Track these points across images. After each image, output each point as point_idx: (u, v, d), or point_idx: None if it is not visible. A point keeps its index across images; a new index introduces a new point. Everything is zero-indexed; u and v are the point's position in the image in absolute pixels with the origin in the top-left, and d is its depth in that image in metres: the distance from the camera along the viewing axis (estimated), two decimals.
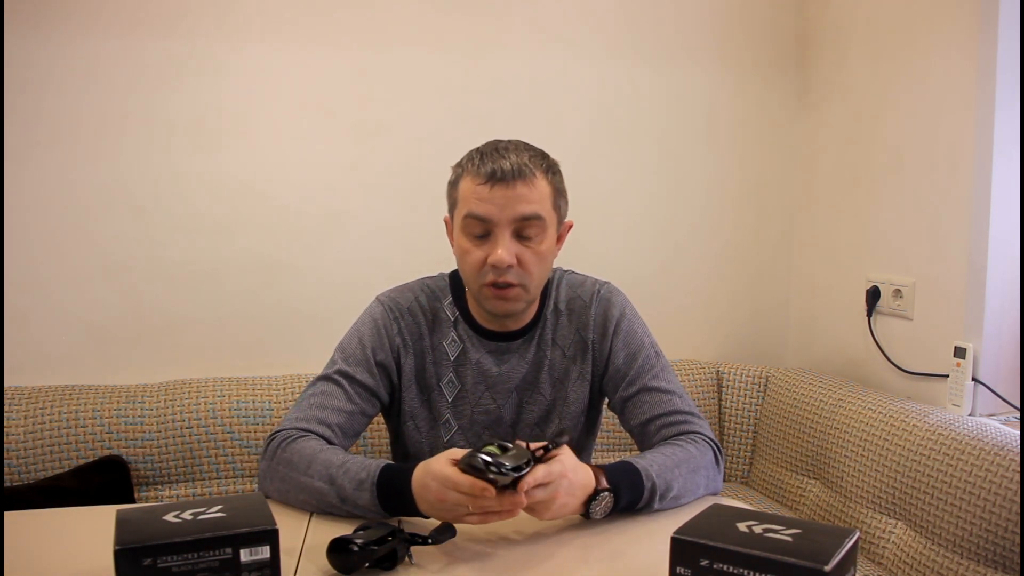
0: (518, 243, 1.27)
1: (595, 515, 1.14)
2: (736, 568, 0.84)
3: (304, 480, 1.18)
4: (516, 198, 1.24)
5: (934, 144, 1.93)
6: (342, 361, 1.34)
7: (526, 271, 1.28)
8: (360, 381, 1.33)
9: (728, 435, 2.23)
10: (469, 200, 1.27)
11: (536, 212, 1.26)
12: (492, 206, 1.24)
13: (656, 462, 1.21)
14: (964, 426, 1.65)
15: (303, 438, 1.24)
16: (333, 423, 1.29)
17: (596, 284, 1.43)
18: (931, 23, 1.93)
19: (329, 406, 1.29)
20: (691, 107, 2.33)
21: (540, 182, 1.27)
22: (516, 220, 1.26)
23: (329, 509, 1.17)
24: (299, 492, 1.19)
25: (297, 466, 1.19)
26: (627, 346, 1.39)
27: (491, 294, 1.29)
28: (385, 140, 2.13)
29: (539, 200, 1.27)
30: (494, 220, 1.25)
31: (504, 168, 1.24)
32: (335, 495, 1.15)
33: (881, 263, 2.10)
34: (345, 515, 1.16)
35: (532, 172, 1.26)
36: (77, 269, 1.98)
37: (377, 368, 1.35)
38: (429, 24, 2.13)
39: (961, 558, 1.55)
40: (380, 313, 1.38)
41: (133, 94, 1.97)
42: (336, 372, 1.33)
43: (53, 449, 1.79)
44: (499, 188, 1.24)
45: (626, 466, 1.19)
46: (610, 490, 1.14)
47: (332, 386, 1.32)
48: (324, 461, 1.18)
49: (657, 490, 1.18)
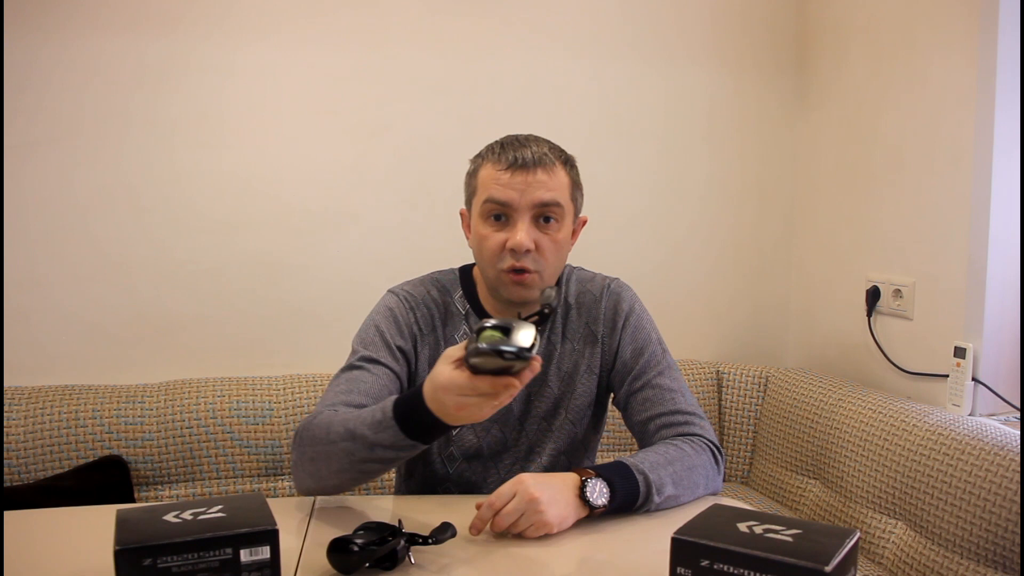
0: (536, 229, 1.28)
1: (595, 500, 1.13)
2: (736, 568, 0.84)
3: (328, 449, 1.15)
4: (536, 184, 1.26)
5: (934, 144, 1.93)
6: (363, 349, 1.33)
7: (543, 257, 1.29)
8: (384, 363, 1.32)
9: (728, 435, 2.23)
10: (489, 186, 1.28)
11: (555, 199, 1.28)
12: (513, 191, 1.26)
13: (647, 459, 1.22)
14: (964, 426, 1.65)
15: (321, 414, 1.22)
16: (360, 403, 1.26)
17: (606, 279, 1.45)
18: (931, 23, 1.93)
19: (356, 389, 1.28)
20: (691, 107, 2.33)
21: (559, 171, 1.30)
22: (536, 205, 1.27)
23: (363, 468, 1.14)
24: (328, 463, 1.16)
25: (319, 439, 1.17)
26: (635, 340, 1.39)
27: (509, 280, 1.29)
28: (385, 140, 2.14)
29: (558, 188, 1.29)
30: (514, 205, 1.26)
31: (525, 156, 1.27)
32: (361, 447, 1.12)
33: (881, 263, 2.10)
34: (379, 467, 1.13)
35: (552, 161, 1.29)
36: (77, 269, 1.98)
37: (398, 352, 1.34)
38: (429, 24, 2.13)
39: (961, 558, 1.55)
40: (396, 303, 1.38)
41: (134, 94, 1.98)
42: (359, 359, 1.32)
43: (53, 449, 1.79)
44: (520, 174, 1.26)
45: (614, 462, 1.20)
46: (597, 476, 1.14)
47: (357, 372, 1.30)
48: (340, 421, 1.16)
49: (652, 484, 1.18)
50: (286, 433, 1.91)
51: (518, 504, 1.08)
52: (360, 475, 1.16)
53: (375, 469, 1.14)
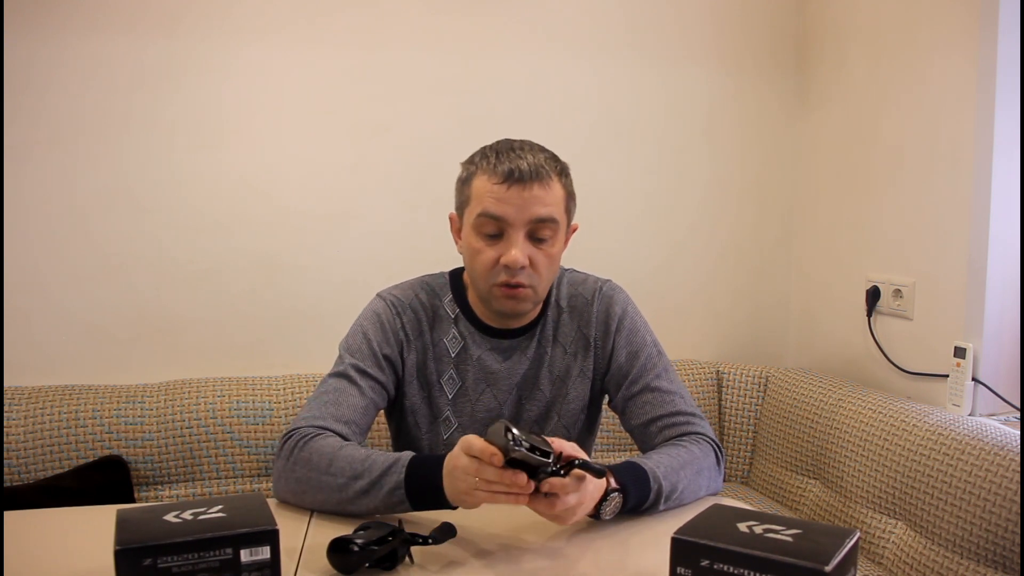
0: (531, 244, 1.27)
1: (605, 516, 1.14)
2: (736, 568, 0.84)
3: (325, 479, 1.16)
4: (533, 200, 1.24)
5: (934, 144, 1.93)
6: (350, 356, 1.33)
7: (537, 273, 1.28)
8: (371, 375, 1.32)
9: (728, 435, 2.23)
10: (484, 199, 1.26)
11: (552, 215, 1.26)
12: (509, 207, 1.24)
13: (662, 463, 1.21)
14: (964, 426, 1.65)
15: (320, 436, 1.22)
16: (349, 419, 1.28)
17: (598, 282, 1.43)
18: (931, 23, 1.93)
19: (343, 403, 1.28)
20: (691, 107, 2.33)
21: (555, 185, 1.27)
22: (531, 222, 1.25)
23: (344, 506, 1.15)
24: (317, 492, 1.17)
25: (317, 465, 1.17)
26: (629, 344, 1.39)
27: (501, 294, 1.29)
28: (385, 140, 2.13)
29: (554, 203, 1.27)
30: (509, 220, 1.25)
31: (522, 168, 1.24)
32: (360, 486, 1.13)
33: (881, 263, 2.10)
34: (361, 511, 1.14)
35: (548, 174, 1.26)
36: (77, 269, 1.98)
37: (384, 361, 1.34)
38: (429, 24, 2.13)
39: (961, 558, 1.55)
40: (383, 308, 1.37)
41: (134, 94, 1.97)
42: (346, 367, 1.32)
43: (53, 449, 1.79)
44: (516, 188, 1.24)
45: (633, 467, 1.18)
46: (619, 490, 1.14)
47: (344, 382, 1.31)
48: (346, 457, 1.17)
49: (663, 492, 1.18)
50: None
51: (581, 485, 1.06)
52: (337, 508, 1.17)
53: (355, 509, 1.15)
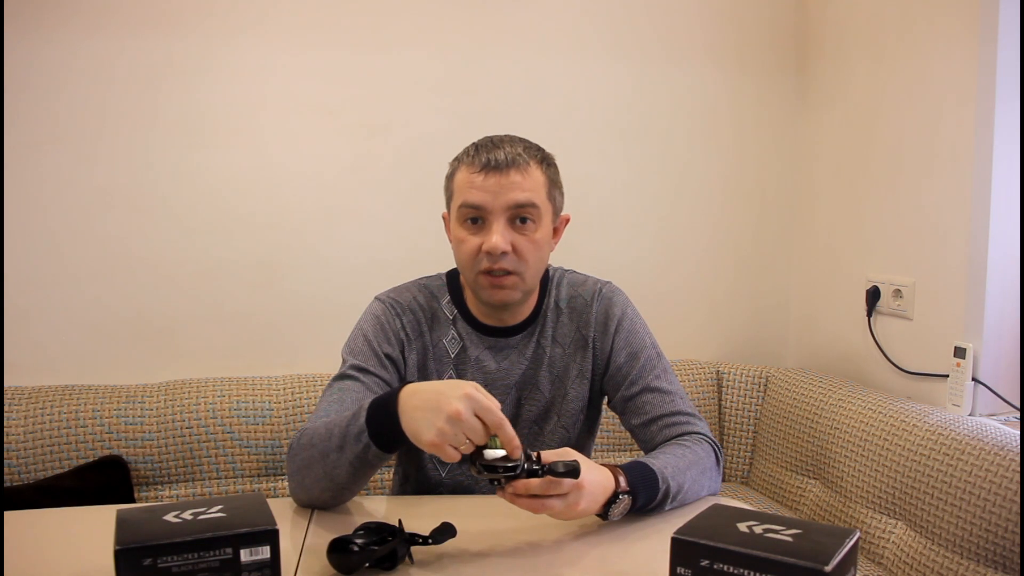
0: (512, 231, 1.28)
1: (613, 517, 1.14)
2: (736, 568, 0.84)
3: (312, 453, 1.16)
4: (510, 185, 1.26)
5: (934, 144, 1.93)
6: (352, 358, 1.33)
7: (521, 258, 1.29)
8: (373, 372, 1.32)
9: (728, 435, 2.23)
10: (464, 189, 1.28)
11: (530, 199, 1.27)
12: (486, 193, 1.26)
13: (669, 464, 1.21)
14: (964, 426, 1.65)
15: (313, 425, 1.22)
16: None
17: (598, 283, 1.44)
18: (931, 23, 1.93)
19: (347, 400, 1.28)
20: (692, 107, 2.33)
21: (534, 171, 1.29)
22: (510, 207, 1.26)
23: (332, 474, 1.14)
24: (309, 471, 1.17)
25: (308, 443, 1.18)
26: (628, 345, 1.39)
27: (487, 283, 1.29)
28: (385, 140, 2.13)
29: (533, 188, 1.28)
30: (488, 207, 1.26)
31: (498, 157, 1.26)
32: (335, 443, 1.12)
33: (881, 263, 2.10)
34: (343, 475, 1.13)
35: (526, 161, 1.28)
36: (77, 269, 1.98)
37: (387, 359, 1.34)
38: (429, 24, 2.13)
39: (961, 558, 1.55)
40: (382, 310, 1.38)
41: (133, 94, 1.98)
42: (349, 369, 1.32)
43: (53, 449, 1.79)
44: (493, 176, 1.26)
45: (642, 467, 1.18)
46: (629, 492, 1.14)
47: (348, 382, 1.31)
48: (324, 423, 1.17)
49: (671, 491, 1.19)
50: (286, 433, 1.91)
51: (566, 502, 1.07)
52: (333, 480, 1.15)
53: (341, 472, 1.13)
